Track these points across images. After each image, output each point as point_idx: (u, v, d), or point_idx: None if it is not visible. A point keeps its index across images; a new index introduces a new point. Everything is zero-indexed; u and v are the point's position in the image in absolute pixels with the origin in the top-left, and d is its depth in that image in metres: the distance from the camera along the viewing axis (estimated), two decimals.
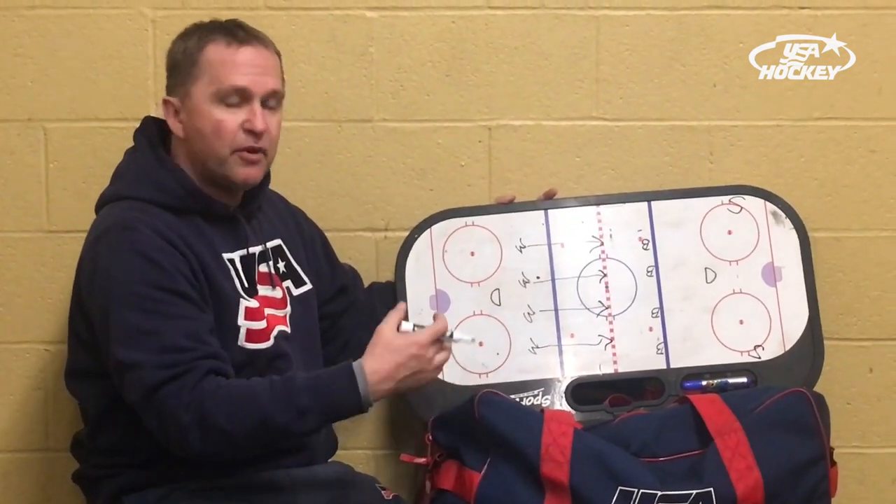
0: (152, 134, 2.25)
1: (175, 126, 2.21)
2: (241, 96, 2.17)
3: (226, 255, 2.22)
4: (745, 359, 2.48)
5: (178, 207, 2.18)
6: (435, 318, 2.19)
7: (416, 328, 2.16)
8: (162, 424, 2.04)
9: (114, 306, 2.07)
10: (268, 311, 2.25)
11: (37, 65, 2.59)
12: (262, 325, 2.22)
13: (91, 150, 2.60)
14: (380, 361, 2.10)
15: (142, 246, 2.09)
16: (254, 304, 2.22)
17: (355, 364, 2.09)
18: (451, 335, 2.18)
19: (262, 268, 2.29)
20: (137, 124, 2.31)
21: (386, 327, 2.14)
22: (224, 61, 2.16)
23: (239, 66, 2.17)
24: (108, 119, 2.59)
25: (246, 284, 2.23)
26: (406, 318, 2.19)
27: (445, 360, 2.18)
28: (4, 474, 2.65)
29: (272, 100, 2.22)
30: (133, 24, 2.59)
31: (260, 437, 2.05)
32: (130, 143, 2.36)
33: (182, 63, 2.20)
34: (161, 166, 2.21)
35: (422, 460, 2.38)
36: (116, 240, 2.11)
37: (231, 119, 2.17)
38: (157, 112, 2.40)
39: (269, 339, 2.23)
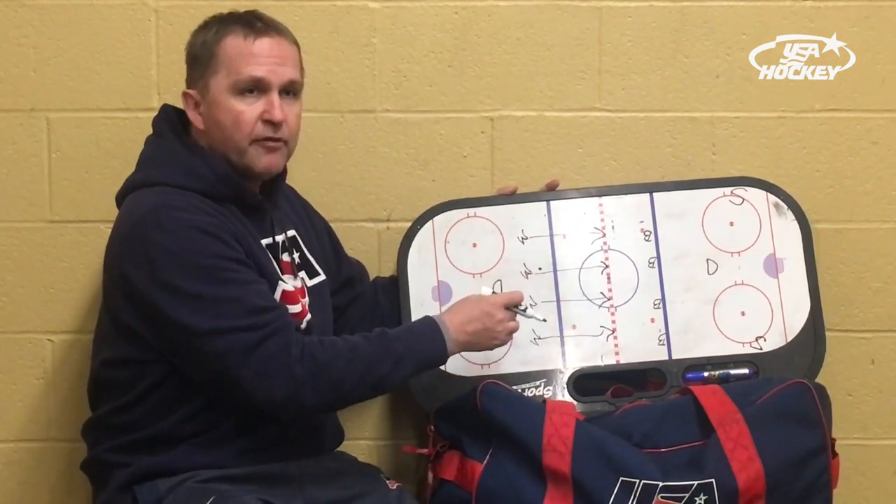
0: (174, 122, 2.26)
1: (195, 118, 2.22)
2: (259, 87, 2.19)
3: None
4: (747, 350, 2.49)
5: (211, 194, 2.18)
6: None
7: (493, 293, 2.31)
8: (265, 382, 2.07)
9: (184, 283, 2.08)
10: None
11: (39, 55, 2.59)
12: (297, 308, 2.24)
13: (94, 141, 2.59)
14: (453, 313, 2.24)
15: (195, 222, 2.10)
16: (289, 287, 2.24)
17: (434, 317, 2.22)
18: (525, 309, 2.30)
19: (285, 257, 2.30)
20: (140, 114, 2.31)
21: (470, 297, 2.30)
22: (241, 53, 2.18)
23: (256, 56, 2.19)
24: (111, 109, 2.59)
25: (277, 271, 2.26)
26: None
27: (515, 330, 2.30)
28: (7, 463, 2.65)
29: (291, 90, 2.24)
30: (136, 14, 2.59)
31: (364, 388, 2.15)
32: (133, 133, 2.37)
33: (201, 56, 2.21)
34: (191, 153, 2.21)
35: (424, 451, 2.39)
36: (166, 219, 2.10)
37: (249, 110, 2.19)
38: (159, 102, 2.40)
39: (302, 321, 2.25)
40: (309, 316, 2.28)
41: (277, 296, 2.21)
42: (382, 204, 2.64)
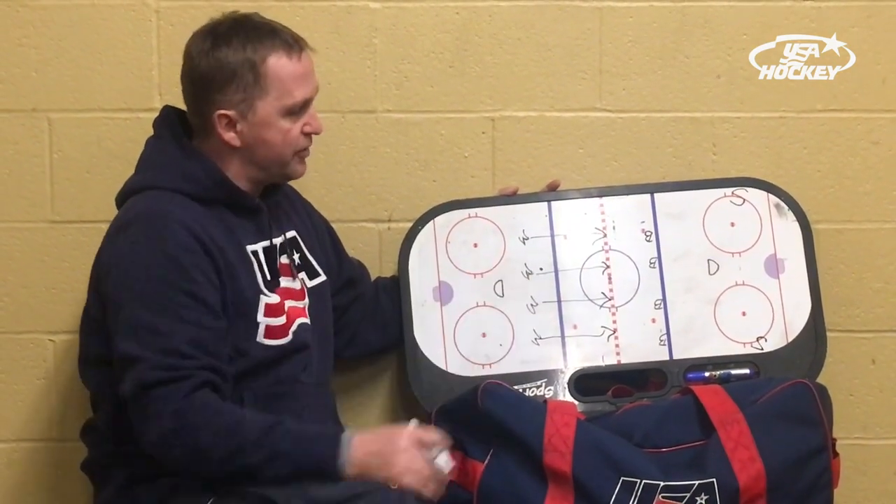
0: (174, 123, 2.26)
1: (229, 137, 2.20)
2: (305, 104, 2.23)
3: (250, 248, 2.24)
4: (748, 350, 2.49)
5: (205, 198, 2.19)
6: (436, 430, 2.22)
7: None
8: (144, 423, 2.07)
9: (127, 299, 2.10)
10: (289, 303, 2.27)
11: (41, 55, 2.59)
12: (281, 320, 2.23)
13: (95, 141, 2.60)
14: (369, 440, 2.12)
15: (165, 242, 2.11)
16: (274, 299, 2.23)
17: (345, 434, 2.11)
18: (440, 451, 2.17)
19: (283, 259, 2.30)
20: (142, 114, 2.31)
21: (392, 429, 2.18)
22: (292, 76, 2.20)
23: (303, 77, 2.22)
24: (112, 109, 2.59)
25: (269, 277, 2.25)
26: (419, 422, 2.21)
27: (420, 469, 2.13)
28: (10, 463, 2.65)
29: None
30: (137, 15, 2.59)
31: (229, 466, 2.07)
32: (134, 133, 2.37)
33: (242, 75, 2.17)
34: (188, 156, 2.21)
35: None
36: (141, 232, 2.12)
37: (296, 127, 2.23)
38: (161, 102, 2.40)
39: (287, 334, 2.24)
40: (304, 319, 2.28)
41: (261, 310, 2.21)
42: (383, 204, 2.64)
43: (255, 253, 2.24)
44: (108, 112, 2.60)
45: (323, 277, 2.40)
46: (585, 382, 2.49)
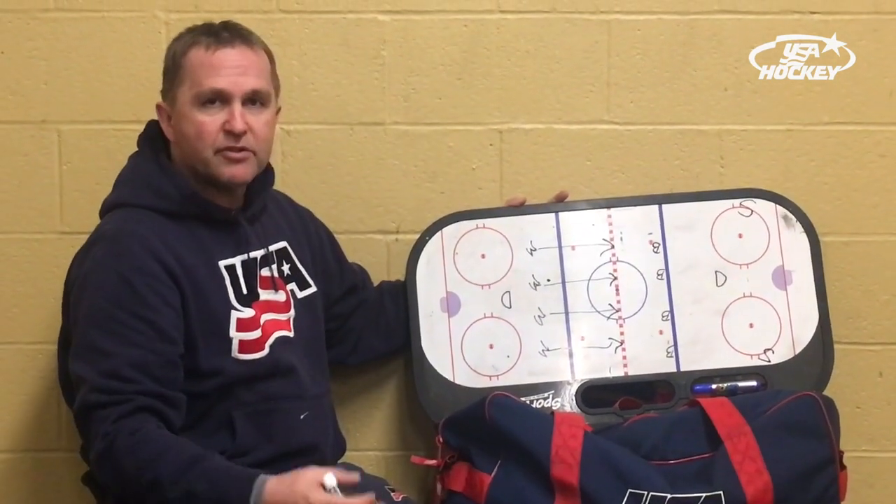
0: (154, 138, 2.28)
1: (168, 130, 2.25)
2: (221, 98, 2.20)
3: (224, 262, 2.24)
4: (755, 362, 2.49)
5: (177, 213, 2.20)
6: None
7: (333, 490, 2.02)
8: (86, 442, 2.13)
9: (82, 318, 2.12)
10: (268, 316, 2.26)
11: (51, 67, 2.60)
12: (255, 334, 2.23)
13: (104, 152, 2.60)
14: (281, 487, 2.01)
15: (121, 264, 2.12)
16: (247, 313, 2.23)
17: (260, 479, 2.02)
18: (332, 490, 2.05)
19: (265, 272, 2.29)
20: None
21: (310, 471, 2.05)
22: (202, 64, 2.20)
23: (216, 68, 2.19)
24: (122, 121, 2.60)
25: (245, 291, 2.24)
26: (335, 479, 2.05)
27: None
28: (18, 473, 2.66)
29: (256, 99, 2.23)
30: (147, 27, 2.60)
31: (146, 494, 2.05)
32: None
33: (170, 68, 2.25)
34: (161, 171, 2.23)
35: (432, 462, 2.39)
36: (102, 253, 2.15)
37: (211, 121, 2.20)
38: None
39: (263, 348, 2.23)
40: (285, 332, 2.27)
41: (232, 325, 2.20)
42: (391, 216, 2.65)
43: (230, 267, 2.24)
44: (117, 124, 2.61)
45: (314, 289, 2.40)
46: (593, 394, 2.49)
